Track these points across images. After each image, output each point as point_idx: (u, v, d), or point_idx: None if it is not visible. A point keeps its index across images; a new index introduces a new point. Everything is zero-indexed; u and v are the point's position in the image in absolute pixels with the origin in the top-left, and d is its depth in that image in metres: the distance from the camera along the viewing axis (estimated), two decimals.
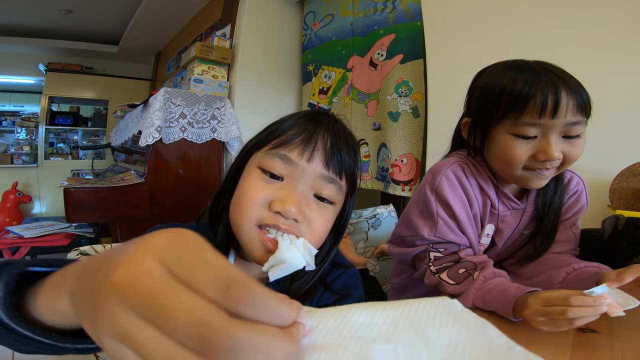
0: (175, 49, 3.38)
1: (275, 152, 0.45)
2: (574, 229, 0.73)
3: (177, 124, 1.80)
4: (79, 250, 0.63)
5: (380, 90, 1.78)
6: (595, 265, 0.61)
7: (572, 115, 0.55)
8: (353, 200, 0.52)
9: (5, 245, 1.98)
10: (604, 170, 1.01)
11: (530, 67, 0.58)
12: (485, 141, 0.64)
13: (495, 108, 0.59)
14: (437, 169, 0.69)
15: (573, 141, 0.58)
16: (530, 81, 0.55)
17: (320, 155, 0.45)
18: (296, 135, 0.45)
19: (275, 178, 0.44)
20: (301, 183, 0.44)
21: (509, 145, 0.59)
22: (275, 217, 0.42)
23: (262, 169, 0.45)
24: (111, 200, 1.64)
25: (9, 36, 3.41)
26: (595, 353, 0.46)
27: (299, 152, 0.44)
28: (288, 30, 2.31)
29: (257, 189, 0.43)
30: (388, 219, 1.26)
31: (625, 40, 1.07)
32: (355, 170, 0.49)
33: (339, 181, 0.46)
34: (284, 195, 0.42)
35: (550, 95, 0.54)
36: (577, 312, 0.44)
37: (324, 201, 0.45)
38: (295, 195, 0.42)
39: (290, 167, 0.44)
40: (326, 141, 0.46)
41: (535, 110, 0.55)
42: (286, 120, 0.49)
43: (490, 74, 0.64)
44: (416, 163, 1.64)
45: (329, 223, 0.47)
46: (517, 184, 0.65)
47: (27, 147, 3.67)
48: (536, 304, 0.47)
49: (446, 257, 0.67)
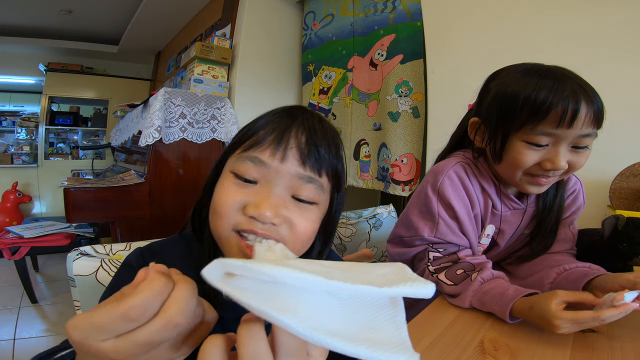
0: (175, 49, 3.38)
1: (246, 155, 0.42)
2: (571, 228, 0.73)
3: (177, 124, 1.80)
4: (79, 250, 0.63)
5: (381, 90, 1.78)
6: (587, 265, 0.61)
7: (587, 127, 0.55)
8: (341, 198, 0.49)
9: (5, 245, 1.98)
10: (604, 170, 1.01)
11: (552, 73, 0.57)
12: (499, 146, 0.62)
13: (515, 115, 0.58)
14: (439, 169, 0.69)
15: (580, 151, 0.58)
16: (554, 89, 0.54)
17: (295, 153, 0.41)
18: (267, 135, 0.43)
19: (250, 182, 0.42)
20: (276, 185, 0.41)
21: (520, 152, 0.59)
22: (250, 222, 0.40)
23: (234, 173, 0.42)
24: (111, 200, 1.64)
25: (9, 36, 3.40)
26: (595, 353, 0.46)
27: (271, 152, 0.41)
28: (288, 30, 2.31)
29: (231, 194, 0.41)
30: (388, 219, 1.26)
31: (625, 41, 1.07)
32: (339, 165, 0.46)
33: (318, 179, 0.43)
34: (258, 199, 0.40)
35: (571, 105, 0.53)
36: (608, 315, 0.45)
37: (304, 202, 0.42)
38: (271, 198, 0.40)
39: (263, 170, 0.41)
40: (300, 138, 0.43)
41: (554, 120, 0.54)
42: (259, 119, 0.46)
43: (509, 78, 0.61)
44: (416, 163, 1.64)
45: (314, 223, 0.44)
46: (515, 186, 0.65)
47: (27, 147, 3.67)
48: (563, 323, 0.47)
49: (445, 258, 0.67)
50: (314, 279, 0.21)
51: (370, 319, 0.24)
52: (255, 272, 0.22)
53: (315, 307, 0.22)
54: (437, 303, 0.63)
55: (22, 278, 2.03)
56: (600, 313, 0.45)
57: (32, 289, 2.08)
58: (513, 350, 0.47)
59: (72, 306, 0.62)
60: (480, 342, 0.48)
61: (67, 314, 1.97)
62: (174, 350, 0.26)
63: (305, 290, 0.22)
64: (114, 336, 0.23)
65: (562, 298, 0.48)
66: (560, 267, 0.62)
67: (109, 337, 0.22)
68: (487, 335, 0.51)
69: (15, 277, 2.08)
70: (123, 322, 0.22)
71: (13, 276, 2.17)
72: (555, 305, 0.47)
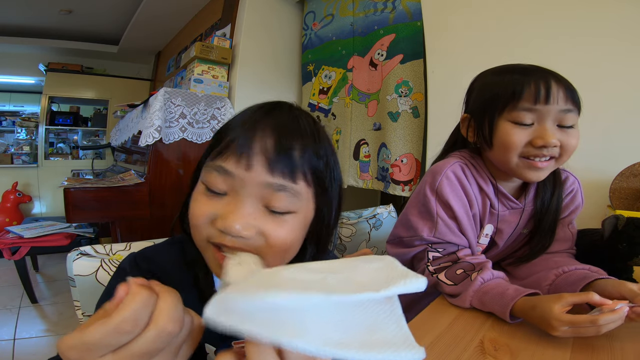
0: (175, 49, 3.38)
1: (212, 164, 0.39)
2: (570, 227, 0.73)
3: (177, 124, 1.80)
4: (79, 250, 0.63)
5: (380, 90, 1.78)
6: (586, 267, 0.61)
7: (564, 102, 0.59)
8: (330, 199, 0.44)
9: (5, 245, 1.98)
10: (604, 170, 1.01)
11: (522, 66, 0.65)
12: (487, 131, 0.66)
13: (495, 101, 0.64)
14: (438, 169, 0.69)
15: (567, 130, 0.61)
16: (524, 74, 0.62)
17: (260, 159, 0.37)
18: (231, 141, 0.39)
19: (219, 194, 0.39)
20: (245, 196, 0.38)
21: (508, 132, 0.62)
22: (221, 235, 0.38)
23: (204, 184, 0.40)
24: (111, 200, 1.64)
25: (9, 36, 3.41)
26: (595, 353, 0.46)
27: (235, 159, 0.37)
28: (288, 30, 2.31)
29: (201, 206, 0.39)
30: (388, 219, 1.26)
31: (624, 41, 1.07)
32: (320, 165, 0.41)
33: (292, 186, 0.38)
34: (226, 212, 0.37)
35: (542, 83, 0.59)
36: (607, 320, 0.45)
37: (277, 213, 0.38)
38: (239, 210, 0.37)
39: (229, 180, 0.38)
40: (267, 141, 0.38)
41: (530, 96, 0.59)
42: (232, 120, 0.42)
43: (488, 76, 0.70)
44: (416, 163, 1.64)
45: (296, 231, 0.40)
46: (515, 175, 0.66)
47: (27, 147, 3.67)
48: (561, 325, 0.47)
49: (444, 257, 0.68)
50: (314, 297, 0.21)
51: (371, 320, 0.24)
52: (253, 301, 0.22)
53: (318, 321, 0.22)
54: (437, 303, 0.63)
55: (22, 278, 2.03)
56: (597, 317, 0.45)
57: (32, 289, 2.08)
58: (513, 350, 0.47)
59: (72, 306, 0.62)
60: (480, 342, 0.49)
61: (67, 314, 1.97)
62: (172, 356, 0.26)
63: (305, 308, 0.22)
64: (110, 351, 0.23)
65: (567, 301, 0.48)
66: (559, 269, 0.62)
67: (106, 353, 0.23)
68: (487, 335, 0.51)
69: (15, 277, 2.08)
70: (117, 335, 0.23)
71: (13, 276, 2.17)
72: (558, 307, 0.47)
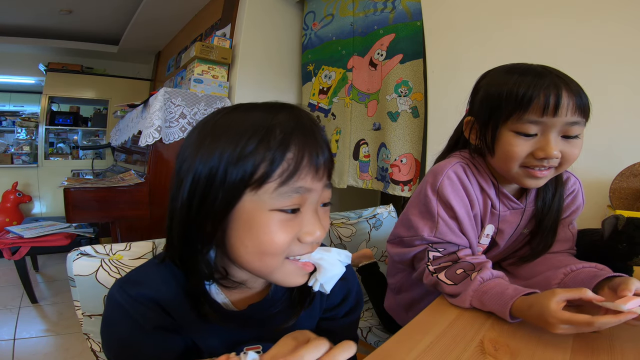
0: (175, 49, 3.38)
1: (288, 187, 0.40)
2: (571, 228, 0.73)
3: (177, 124, 1.80)
4: (79, 250, 0.63)
5: (380, 90, 1.78)
6: (593, 265, 0.61)
7: (572, 114, 0.57)
8: None
9: (5, 245, 1.98)
10: (604, 170, 1.01)
11: (533, 69, 0.60)
12: (489, 139, 0.65)
13: (500, 108, 0.61)
14: (439, 169, 0.69)
15: (571, 141, 0.59)
16: (534, 83, 0.57)
17: (323, 169, 0.43)
18: (299, 160, 0.40)
19: (296, 211, 0.42)
20: (315, 204, 0.43)
21: (510, 142, 0.60)
22: (305, 247, 0.43)
23: (279, 209, 0.40)
24: (111, 200, 1.64)
25: (9, 36, 3.41)
26: (595, 353, 0.46)
27: (311, 176, 0.41)
28: (288, 30, 2.31)
29: (285, 233, 0.41)
30: (388, 219, 1.26)
31: (625, 40, 1.07)
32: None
33: (330, 182, 0.46)
34: (311, 229, 0.42)
35: (553, 94, 0.56)
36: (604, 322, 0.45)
37: (326, 205, 0.46)
38: (319, 221, 0.43)
39: (306, 194, 0.42)
40: (317, 152, 0.42)
41: (538, 108, 0.57)
42: (270, 146, 0.39)
43: (494, 77, 0.66)
44: (416, 163, 1.64)
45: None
46: (514, 181, 0.66)
47: (27, 147, 3.67)
48: (560, 323, 0.47)
49: (445, 257, 0.68)
50: None
51: None
52: None
53: None
54: (437, 303, 0.63)
55: (22, 278, 2.03)
56: (595, 319, 0.44)
57: (32, 289, 2.08)
58: (513, 350, 0.47)
59: (72, 306, 0.62)
60: (480, 342, 0.48)
61: (67, 314, 1.97)
62: None
63: None
64: None
65: (561, 296, 0.48)
66: (567, 267, 0.62)
67: None
68: (487, 335, 0.51)
69: (15, 277, 2.08)
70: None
71: (13, 276, 2.17)
72: (554, 303, 0.47)
